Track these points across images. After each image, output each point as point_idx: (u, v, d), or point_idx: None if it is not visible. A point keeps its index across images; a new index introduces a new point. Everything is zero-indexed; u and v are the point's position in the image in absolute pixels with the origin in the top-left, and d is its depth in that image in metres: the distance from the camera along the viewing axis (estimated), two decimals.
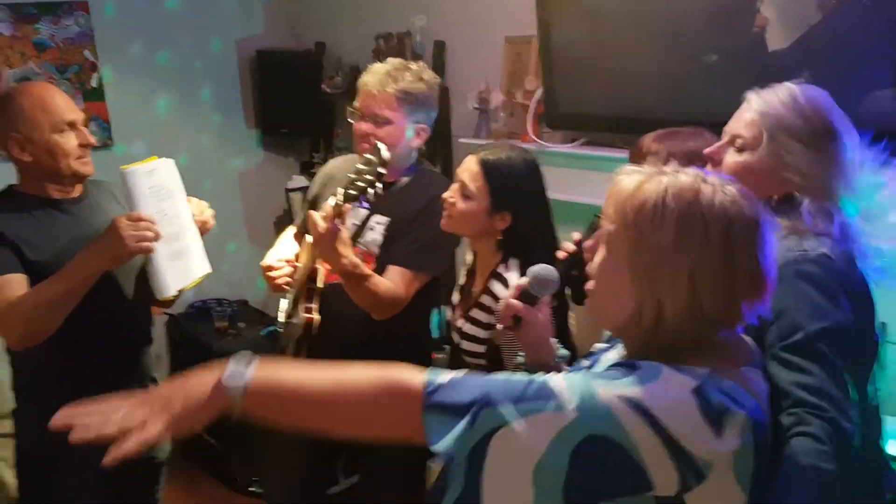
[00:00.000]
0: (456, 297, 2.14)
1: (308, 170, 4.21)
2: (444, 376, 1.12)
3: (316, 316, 2.16)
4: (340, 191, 1.93)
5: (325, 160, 4.10)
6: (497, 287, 1.94)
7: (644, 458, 1.02)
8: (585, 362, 1.39)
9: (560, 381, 1.07)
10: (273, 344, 3.47)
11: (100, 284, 1.91)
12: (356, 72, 3.83)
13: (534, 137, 2.94)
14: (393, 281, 2.10)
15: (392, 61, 2.21)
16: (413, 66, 2.20)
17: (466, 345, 2.01)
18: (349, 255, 1.98)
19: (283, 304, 2.36)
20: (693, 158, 1.54)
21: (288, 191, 4.14)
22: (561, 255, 1.70)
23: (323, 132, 4.17)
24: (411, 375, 1.12)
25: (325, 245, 1.94)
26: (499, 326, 1.60)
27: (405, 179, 2.24)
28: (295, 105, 4.10)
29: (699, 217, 1.07)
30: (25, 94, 1.99)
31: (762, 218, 1.12)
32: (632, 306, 1.11)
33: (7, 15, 3.44)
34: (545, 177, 2.03)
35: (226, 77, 4.21)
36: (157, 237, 1.89)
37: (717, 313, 1.09)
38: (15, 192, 2.03)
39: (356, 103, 2.21)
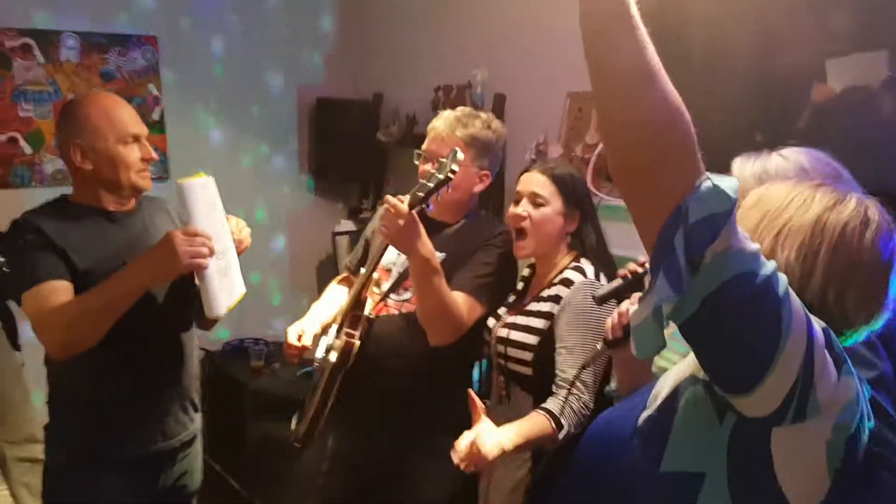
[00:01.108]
0: (502, 310, 2.10)
1: (356, 215, 4.21)
2: None
3: (357, 341, 2.09)
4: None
5: (373, 207, 4.13)
6: (560, 289, 1.95)
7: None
8: None
9: None
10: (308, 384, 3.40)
11: (144, 301, 1.86)
12: (412, 122, 3.88)
13: (594, 191, 2.88)
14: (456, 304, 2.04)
15: (462, 109, 2.22)
16: (482, 114, 2.20)
17: (513, 352, 1.97)
18: (427, 243, 1.93)
19: (324, 341, 2.30)
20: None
21: (335, 234, 4.13)
22: (622, 272, 1.67)
23: (374, 179, 4.18)
24: None
25: (405, 230, 1.89)
26: (607, 335, 1.52)
27: (463, 221, 2.21)
28: (349, 152, 4.12)
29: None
30: (92, 104, 1.98)
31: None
32: None
33: (77, 42, 3.52)
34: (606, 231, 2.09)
35: (285, 122, 4.26)
36: (211, 253, 1.84)
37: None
38: (68, 201, 2.00)
39: (424, 146, 2.20)
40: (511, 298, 2.13)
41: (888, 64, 2.20)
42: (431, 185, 1.87)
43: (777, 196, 1.14)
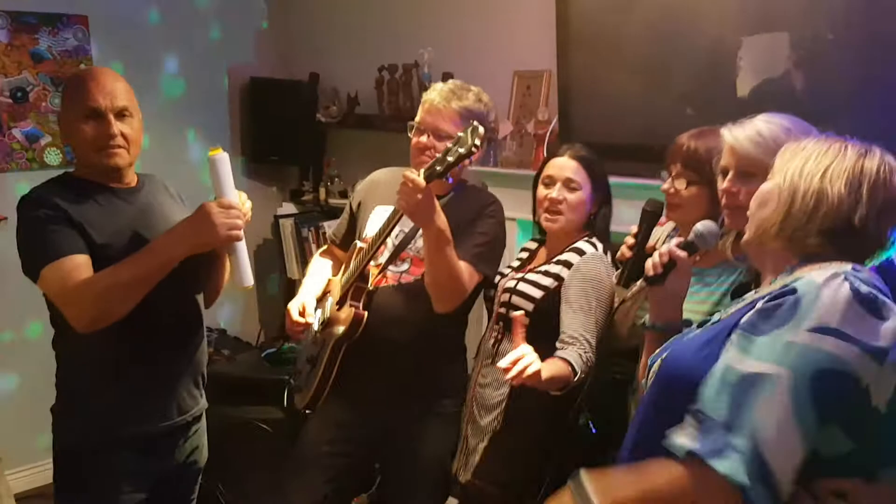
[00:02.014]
0: (507, 271, 2.28)
1: (298, 198, 4.20)
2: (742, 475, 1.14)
3: (365, 312, 2.16)
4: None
5: (315, 189, 4.14)
6: (572, 256, 2.12)
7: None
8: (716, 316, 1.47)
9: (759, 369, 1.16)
10: (271, 367, 3.41)
11: (162, 279, 1.86)
12: (354, 102, 3.92)
13: None
14: None
15: (453, 81, 2.29)
16: (473, 87, 2.26)
17: (517, 300, 2.14)
18: (442, 216, 2.00)
19: (318, 314, 2.35)
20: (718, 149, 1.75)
21: (277, 217, 4.11)
22: (628, 245, 1.90)
23: (313, 161, 4.18)
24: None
25: (423, 204, 1.94)
26: (646, 273, 1.64)
27: (453, 193, 2.29)
28: (285, 134, 4.10)
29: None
30: (74, 78, 1.99)
31: None
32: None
33: (6, 22, 3.35)
34: None
35: (214, 103, 4.19)
36: (245, 225, 1.87)
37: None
38: (73, 177, 1.96)
39: (417, 118, 2.25)
40: (516, 263, 2.30)
41: (789, 44, 2.50)
42: (451, 159, 1.90)
43: (815, 147, 1.34)
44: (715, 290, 1.84)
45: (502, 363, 1.79)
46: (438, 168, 1.93)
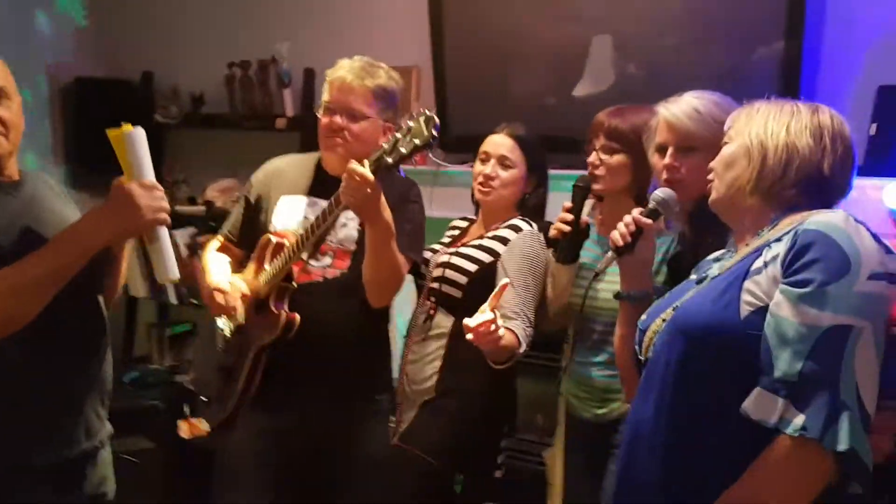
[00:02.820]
0: (438, 247, 2.27)
1: None
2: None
3: (295, 314, 2.00)
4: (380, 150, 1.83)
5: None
6: (507, 232, 2.13)
7: None
8: (694, 276, 1.52)
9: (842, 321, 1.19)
10: (137, 392, 3.06)
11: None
12: (199, 101, 3.65)
13: (434, 159, 3.00)
14: None
15: (360, 57, 2.15)
16: (381, 64, 2.15)
17: (451, 274, 2.13)
18: (387, 209, 1.88)
19: (222, 322, 2.15)
20: (642, 130, 1.87)
21: None
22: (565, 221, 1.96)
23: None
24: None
25: (372, 199, 1.81)
26: (613, 243, 1.65)
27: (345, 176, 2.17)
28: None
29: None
30: None
31: None
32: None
33: None
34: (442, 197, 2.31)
35: (32, 106, 3.71)
36: (170, 209, 1.64)
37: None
38: None
39: (325, 97, 2.11)
40: (446, 240, 2.29)
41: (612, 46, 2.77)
42: (404, 150, 1.77)
43: (769, 108, 1.42)
44: None
45: (471, 322, 1.76)
46: (389, 160, 1.79)
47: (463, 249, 2.17)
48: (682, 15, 2.67)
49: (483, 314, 1.76)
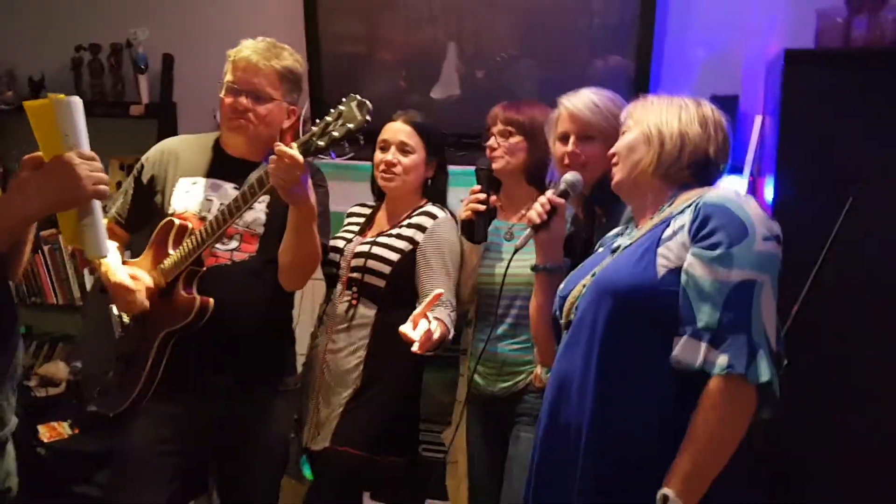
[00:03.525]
0: (349, 235, 2.27)
1: None
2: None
3: (209, 298, 1.97)
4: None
5: None
6: (424, 220, 2.18)
7: None
8: (601, 248, 1.72)
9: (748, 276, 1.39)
10: None
11: None
12: (39, 86, 3.41)
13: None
14: None
15: (264, 38, 2.12)
16: (285, 46, 2.15)
17: (373, 264, 2.16)
18: (312, 192, 1.90)
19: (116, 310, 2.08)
20: (535, 118, 2.10)
21: None
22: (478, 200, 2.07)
23: None
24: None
25: (300, 181, 1.82)
26: (530, 221, 1.79)
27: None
28: None
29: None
30: None
31: None
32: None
33: None
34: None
35: None
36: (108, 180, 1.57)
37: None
38: None
39: (230, 78, 2.08)
40: (354, 228, 2.29)
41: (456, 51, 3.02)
42: (337, 134, 1.78)
43: (661, 101, 1.64)
44: None
45: (412, 334, 1.83)
46: (320, 143, 1.81)
47: (382, 239, 2.19)
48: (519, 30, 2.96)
49: (420, 325, 1.84)
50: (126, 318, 2.05)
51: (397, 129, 2.21)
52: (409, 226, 2.19)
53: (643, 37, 2.79)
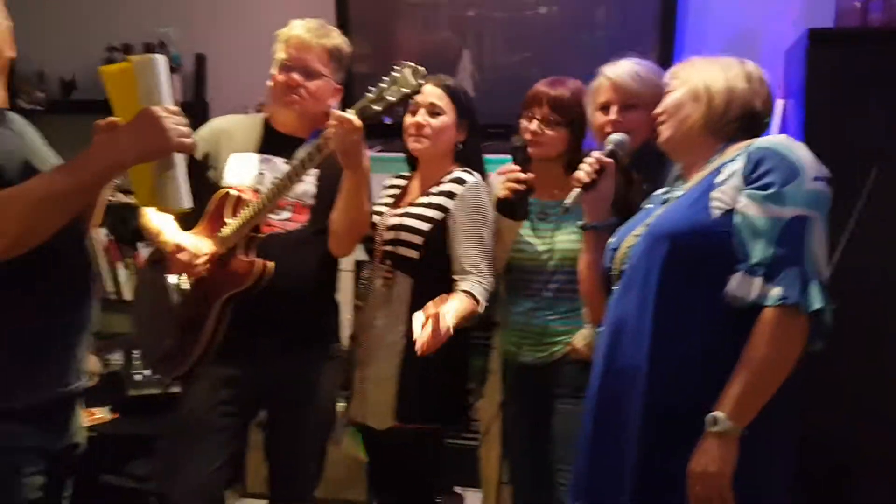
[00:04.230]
0: (383, 209, 2.23)
1: None
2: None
3: (272, 262, 2.02)
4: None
5: None
6: (453, 186, 2.13)
7: None
8: (649, 205, 1.77)
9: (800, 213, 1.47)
10: None
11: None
12: (70, 86, 3.48)
13: None
14: None
15: (312, 19, 2.19)
16: (332, 27, 2.22)
17: (405, 236, 2.12)
18: (367, 157, 1.95)
19: (174, 277, 2.12)
20: (581, 97, 2.12)
21: None
22: (518, 180, 2.06)
23: None
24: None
25: (358, 145, 1.87)
26: (579, 181, 1.83)
27: (315, 135, 2.16)
28: None
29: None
30: None
31: None
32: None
33: None
34: None
35: None
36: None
37: None
38: None
39: (283, 55, 2.14)
40: (387, 200, 2.27)
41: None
42: (392, 98, 1.83)
43: (705, 62, 1.71)
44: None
45: (420, 334, 1.84)
46: (375, 108, 1.86)
47: (412, 209, 2.16)
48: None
49: (426, 327, 1.84)
50: (184, 286, 2.09)
51: (427, 92, 2.13)
52: (440, 193, 2.14)
53: (664, 28, 2.89)
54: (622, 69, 2.06)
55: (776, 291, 1.45)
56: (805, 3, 2.84)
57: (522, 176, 2.08)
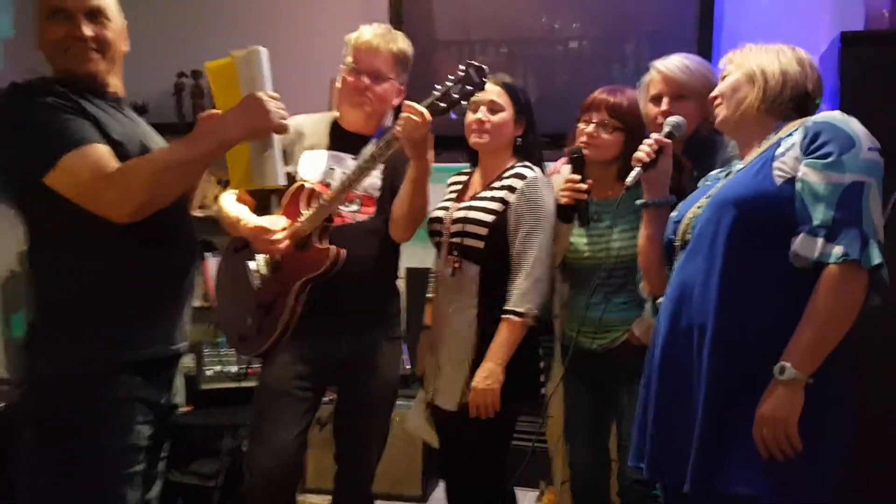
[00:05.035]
0: (448, 203, 2.38)
1: None
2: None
3: (344, 249, 2.16)
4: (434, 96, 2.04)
5: None
6: (513, 181, 2.25)
7: None
8: (707, 182, 1.88)
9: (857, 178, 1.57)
10: None
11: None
12: (142, 110, 3.70)
13: None
14: None
15: (377, 24, 2.34)
16: (397, 31, 2.37)
17: (470, 227, 2.25)
18: (432, 150, 2.09)
19: (254, 264, 2.28)
20: (637, 106, 2.24)
21: None
22: (579, 190, 2.19)
23: None
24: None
25: (425, 137, 2.02)
26: (639, 161, 1.95)
27: (380, 132, 2.35)
28: None
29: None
30: None
31: None
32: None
33: None
34: None
35: None
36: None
37: None
38: (56, 79, 1.72)
39: (351, 59, 2.29)
40: (452, 196, 2.41)
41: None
42: (456, 95, 1.99)
43: (758, 48, 1.82)
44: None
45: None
46: (442, 104, 2.01)
47: (475, 203, 2.27)
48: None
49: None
50: (263, 271, 2.25)
51: (487, 90, 2.21)
52: (501, 188, 2.25)
53: (702, 39, 3.05)
54: (672, 62, 2.18)
55: (838, 249, 1.55)
56: (835, 10, 2.97)
57: (583, 186, 2.19)
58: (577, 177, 2.21)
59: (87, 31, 1.71)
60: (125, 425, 1.69)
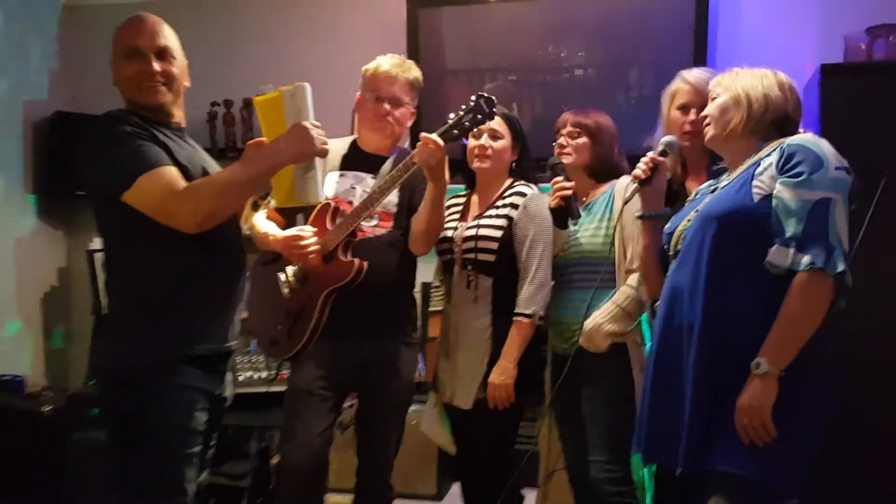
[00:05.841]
0: (454, 223, 2.55)
1: None
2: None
3: (365, 262, 2.35)
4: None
5: None
6: (516, 199, 2.48)
7: None
8: (697, 195, 2.05)
9: (826, 195, 1.72)
10: None
11: None
12: None
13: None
14: None
15: (391, 55, 2.56)
16: (410, 61, 2.60)
17: (482, 243, 2.46)
18: (447, 172, 2.29)
19: (284, 275, 2.47)
20: (602, 126, 2.45)
21: (91, 252, 3.86)
22: (561, 190, 2.37)
23: None
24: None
25: (442, 161, 2.23)
26: (636, 177, 2.12)
27: (396, 153, 2.57)
28: None
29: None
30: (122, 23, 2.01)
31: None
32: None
33: None
34: None
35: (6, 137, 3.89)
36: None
37: None
38: (131, 111, 1.95)
39: (371, 89, 2.49)
40: (455, 216, 2.61)
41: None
42: (468, 124, 2.18)
43: (743, 72, 1.98)
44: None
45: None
46: (455, 132, 2.22)
47: (484, 221, 2.48)
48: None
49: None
50: (292, 279, 2.46)
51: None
52: (505, 205, 2.48)
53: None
54: (701, 75, 2.32)
55: (806, 259, 1.72)
56: (819, 43, 3.18)
57: (567, 184, 2.39)
58: (560, 178, 2.39)
59: (157, 66, 1.94)
60: (187, 410, 1.90)
